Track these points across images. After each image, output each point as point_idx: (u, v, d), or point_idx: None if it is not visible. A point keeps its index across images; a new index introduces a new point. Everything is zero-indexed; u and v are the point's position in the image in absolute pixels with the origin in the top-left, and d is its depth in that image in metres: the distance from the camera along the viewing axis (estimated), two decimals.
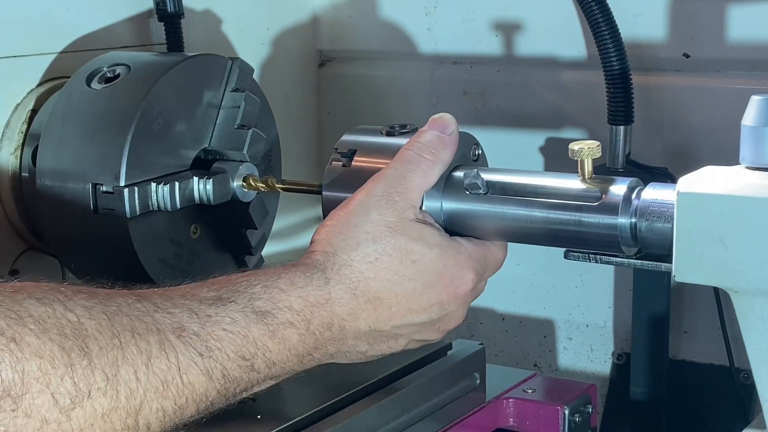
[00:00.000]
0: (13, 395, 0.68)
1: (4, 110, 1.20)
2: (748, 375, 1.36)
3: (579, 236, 0.91)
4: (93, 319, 0.73)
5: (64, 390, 0.70)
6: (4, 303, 0.70)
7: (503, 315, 1.61)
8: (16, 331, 0.69)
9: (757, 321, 0.83)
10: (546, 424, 1.12)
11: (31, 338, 0.69)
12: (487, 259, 0.94)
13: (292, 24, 1.62)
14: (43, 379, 0.69)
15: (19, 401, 0.68)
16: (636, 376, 1.44)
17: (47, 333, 0.70)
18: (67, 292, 0.74)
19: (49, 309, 0.71)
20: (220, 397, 0.80)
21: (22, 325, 0.69)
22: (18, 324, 0.69)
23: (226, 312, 0.81)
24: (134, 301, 0.78)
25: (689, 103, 1.41)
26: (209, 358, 0.78)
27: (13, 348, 0.68)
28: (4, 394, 0.67)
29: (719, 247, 0.81)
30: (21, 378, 0.68)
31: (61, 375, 0.70)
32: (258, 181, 1.15)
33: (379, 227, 0.89)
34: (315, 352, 0.86)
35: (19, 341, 0.68)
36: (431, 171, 0.92)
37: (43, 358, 0.69)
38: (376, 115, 1.61)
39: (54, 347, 0.70)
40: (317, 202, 1.00)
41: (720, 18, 1.36)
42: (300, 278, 0.86)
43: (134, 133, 1.08)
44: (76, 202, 1.10)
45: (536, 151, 1.51)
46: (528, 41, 1.51)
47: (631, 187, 0.89)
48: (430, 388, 1.05)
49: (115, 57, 1.17)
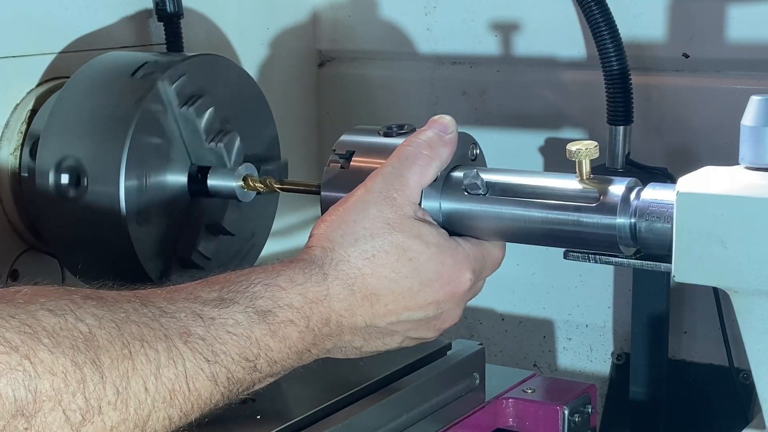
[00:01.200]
0: (26, 414, 0.67)
1: (4, 110, 1.20)
2: (747, 375, 1.36)
3: (578, 236, 0.91)
4: (103, 329, 0.73)
5: (76, 406, 0.69)
6: (18, 316, 0.69)
7: (503, 315, 1.61)
8: (30, 347, 0.68)
9: (757, 321, 0.83)
10: (545, 424, 1.12)
11: (45, 354, 0.69)
12: (485, 259, 0.94)
13: (291, 24, 1.62)
14: (55, 396, 0.68)
15: (32, 420, 0.68)
16: (635, 376, 1.44)
17: (60, 347, 0.69)
18: (77, 299, 0.74)
19: (61, 320, 0.71)
20: (223, 399, 0.81)
21: (36, 340, 0.69)
22: (32, 339, 0.69)
23: (229, 313, 0.81)
24: (140, 306, 0.77)
25: (689, 103, 1.41)
26: (215, 363, 0.78)
27: (27, 366, 0.68)
28: (18, 413, 0.67)
29: (719, 247, 0.81)
30: (34, 397, 0.67)
31: (73, 392, 0.69)
32: (256, 182, 1.15)
33: (377, 223, 0.89)
34: (313, 348, 0.87)
35: (32, 359, 0.68)
36: (429, 167, 0.92)
37: (56, 375, 0.69)
38: (376, 115, 1.61)
39: (67, 362, 0.69)
40: (316, 203, 1.00)
41: (719, 18, 1.36)
42: (299, 275, 0.86)
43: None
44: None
45: (536, 151, 1.51)
46: (527, 41, 1.51)
47: (629, 187, 0.89)
48: (430, 388, 1.05)
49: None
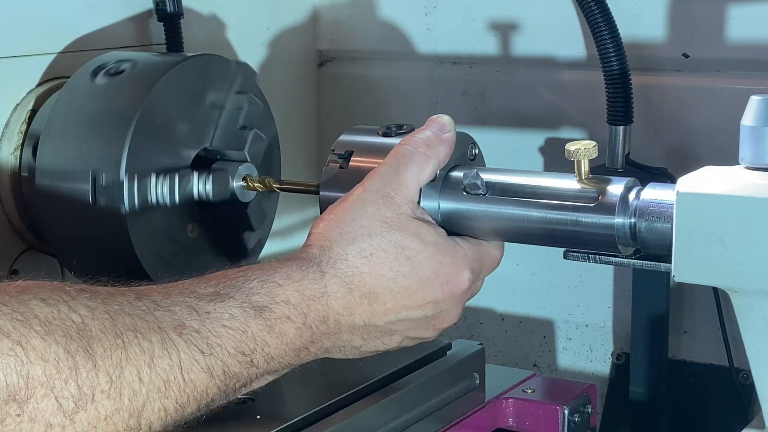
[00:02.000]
0: (18, 400, 0.68)
1: (4, 110, 1.20)
2: (747, 375, 1.36)
3: (576, 236, 0.91)
4: (96, 320, 0.73)
5: (68, 393, 0.70)
6: (10, 304, 0.70)
7: (503, 315, 1.61)
8: (23, 334, 0.69)
9: (757, 321, 0.83)
10: (545, 424, 1.12)
11: (37, 341, 0.69)
12: (483, 259, 0.94)
13: (291, 24, 1.62)
14: (47, 383, 0.69)
15: (24, 406, 0.68)
16: (635, 376, 1.44)
17: (52, 335, 0.70)
18: (71, 291, 0.74)
19: (54, 310, 0.71)
20: (220, 394, 0.80)
21: (28, 327, 0.69)
22: (24, 326, 0.69)
23: (224, 308, 0.81)
24: (135, 299, 0.78)
25: (689, 103, 1.41)
26: (210, 356, 0.78)
27: (19, 352, 0.68)
28: (10, 398, 0.67)
29: (719, 247, 0.81)
30: (26, 382, 0.68)
31: (65, 379, 0.70)
32: (256, 181, 1.15)
33: (375, 222, 0.89)
34: (311, 346, 0.86)
35: (24, 345, 0.68)
36: (426, 166, 0.92)
37: (48, 362, 0.69)
38: (376, 115, 1.61)
39: (59, 350, 0.70)
40: (316, 202, 1.00)
41: (719, 18, 1.36)
42: (296, 272, 0.86)
43: (135, 128, 1.08)
44: (75, 201, 1.10)
45: (536, 151, 1.51)
46: (527, 41, 1.51)
47: (627, 187, 0.89)
48: (430, 388, 1.05)
49: (120, 54, 1.17)
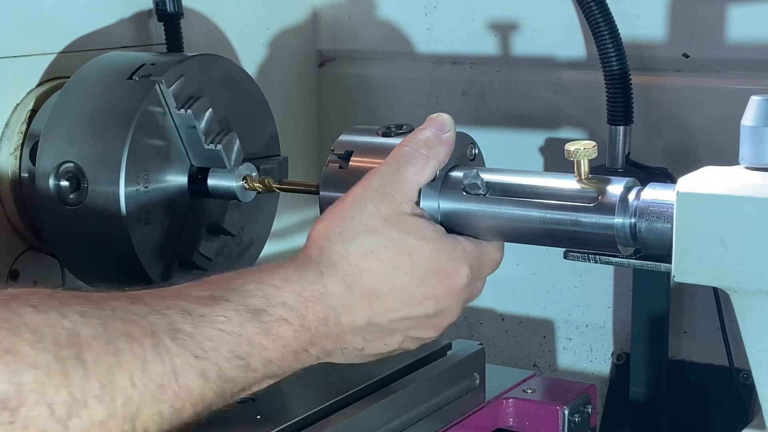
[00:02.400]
0: (10, 408, 0.67)
1: (4, 110, 1.20)
2: (747, 375, 1.36)
3: (576, 236, 0.91)
4: (88, 325, 0.73)
5: (60, 400, 0.69)
6: (0, 312, 0.70)
7: (503, 315, 1.61)
8: (12, 342, 0.68)
9: (757, 321, 0.83)
10: (545, 425, 1.12)
11: (27, 349, 0.69)
12: (482, 258, 0.94)
13: (291, 24, 1.62)
14: (39, 390, 0.68)
15: (17, 414, 0.68)
16: (635, 376, 1.44)
17: (42, 342, 0.70)
18: (63, 297, 0.74)
19: (44, 317, 0.71)
20: (217, 398, 0.80)
21: (18, 335, 0.69)
22: (13, 334, 0.69)
23: (219, 311, 0.80)
24: (128, 304, 0.77)
25: (689, 103, 1.41)
26: (204, 360, 0.78)
27: (9, 360, 0.68)
28: (1, 407, 0.67)
29: (719, 247, 0.81)
30: (17, 390, 0.68)
31: (56, 385, 0.69)
32: (255, 181, 1.15)
33: (375, 220, 0.89)
34: (311, 348, 0.86)
35: (14, 352, 0.68)
36: (426, 165, 0.92)
37: (39, 369, 0.69)
38: (376, 115, 1.61)
39: (49, 357, 0.69)
40: (316, 202, 1.00)
41: (719, 18, 1.36)
42: (293, 274, 0.86)
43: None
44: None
45: (535, 151, 1.51)
46: (527, 41, 1.51)
47: (627, 187, 0.89)
48: (430, 388, 1.05)
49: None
